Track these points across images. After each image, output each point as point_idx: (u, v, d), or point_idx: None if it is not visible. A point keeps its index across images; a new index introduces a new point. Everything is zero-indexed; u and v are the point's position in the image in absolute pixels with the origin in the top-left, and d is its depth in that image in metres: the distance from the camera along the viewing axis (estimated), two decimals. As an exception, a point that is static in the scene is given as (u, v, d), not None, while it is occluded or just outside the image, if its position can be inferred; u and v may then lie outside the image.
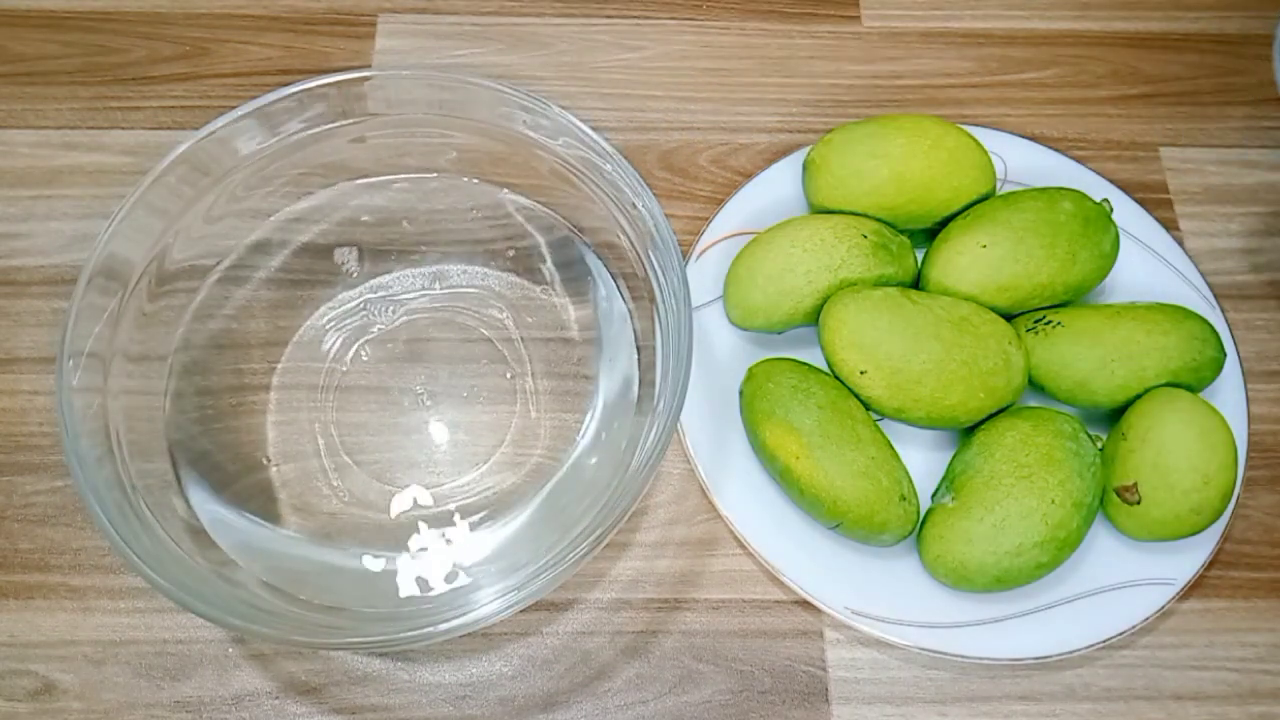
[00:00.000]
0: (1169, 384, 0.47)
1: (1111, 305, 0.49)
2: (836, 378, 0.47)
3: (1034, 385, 0.49)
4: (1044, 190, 0.50)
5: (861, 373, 0.46)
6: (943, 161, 0.50)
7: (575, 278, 0.50)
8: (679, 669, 0.45)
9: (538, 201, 0.51)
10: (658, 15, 0.61)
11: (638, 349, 0.48)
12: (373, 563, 0.45)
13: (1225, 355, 0.48)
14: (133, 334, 0.45)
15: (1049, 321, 0.48)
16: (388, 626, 0.41)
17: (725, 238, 0.53)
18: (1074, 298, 0.49)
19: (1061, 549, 0.44)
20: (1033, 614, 0.45)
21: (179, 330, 0.47)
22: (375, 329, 0.50)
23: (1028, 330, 0.48)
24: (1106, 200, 0.50)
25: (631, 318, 0.49)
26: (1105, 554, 0.47)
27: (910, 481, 0.46)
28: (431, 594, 0.44)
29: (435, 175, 0.51)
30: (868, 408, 0.47)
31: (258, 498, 0.46)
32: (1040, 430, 0.45)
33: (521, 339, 0.50)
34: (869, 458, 0.45)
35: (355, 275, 0.50)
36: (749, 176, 0.54)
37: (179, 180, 0.45)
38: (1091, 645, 0.44)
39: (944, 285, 0.48)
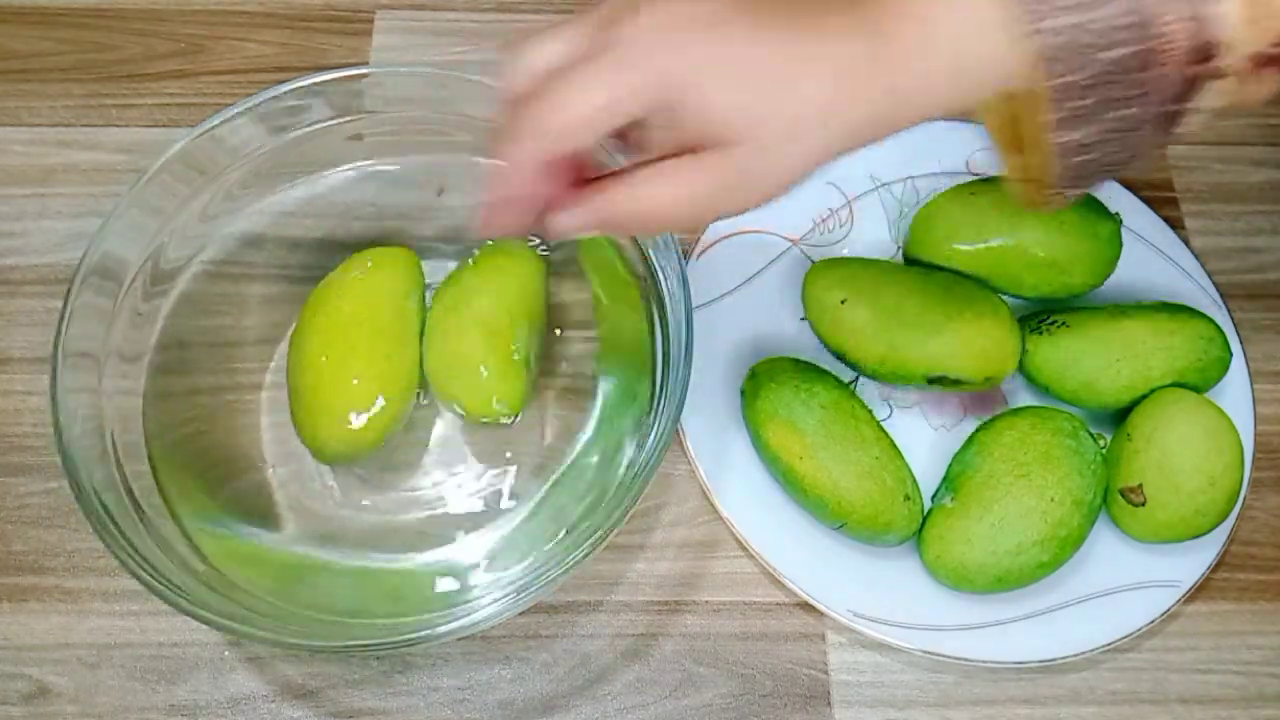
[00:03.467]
0: (1175, 384, 0.47)
1: (1117, 305, 0.49)
2: (818, 334, 0.46)
3: (1039, 386, 0.48)
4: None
5: (842, 302, 0.44)
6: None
7: (574, 277, 0.50)
8: (680, 672, 0.45)
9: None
10: (658, 12, 0.61)
11: (639, 349, 0.48)
12: (370, 565, 0.44)
13: (1231, 355, 0.48)
14: (127, 333, 0.44)
15: (1054, 321, 0.48)
16: (385, 629, 0.41)
17: (726, 237, 0.52)
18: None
19: (1063, 548, 0.44)
20: (1037, 617, 0.45)
21: (174, 329, 0.47)
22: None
23: (1032, 330, 0.48)
24: (1118, 214, 0.50)
25: (632, 317, 0.49)
26: (1110, 556, 0.46)
27: (914, 480, 0.46)
28: (429, 596, 0.43)
29: (432, 173, 0.51)
30: (857, 371, 0.46)
31: (254, 499, 0.45)
32: (1039, 429, 0.45)
33: (520, 338, 0.49)
34: (873, 457, 0.44)
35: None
36: (750, 174, 0.54)
37: (174, 178, 0.45)
38: (1096, 648, 0.44)
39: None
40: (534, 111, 0.30)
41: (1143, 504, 0.45)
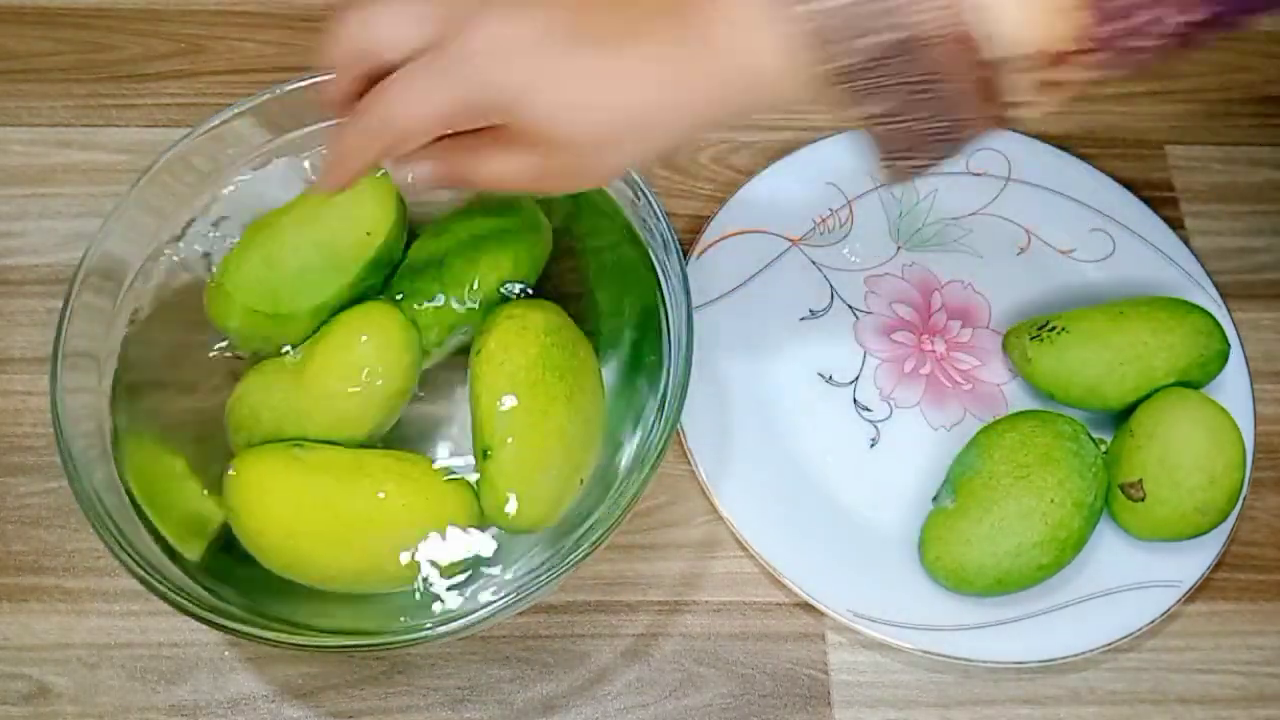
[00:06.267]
0: (1178, 383, 0.46)
1: (1112, 304, 0.49)
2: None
3: (1043, 393, 0.48)
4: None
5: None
6: None
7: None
8: (680, 672, 0.45)
9: (535, 199, 0.50)
10: (658, 11, 0.61)
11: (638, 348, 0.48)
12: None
13: (1230, 347, 0.48)
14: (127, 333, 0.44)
15: (1053, 328, 0.48)
16: (385, 628, 0.41)
17: (726, 236, 0.52)
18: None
19: (1063, 550, 0.44)
20: (1037, 616, 0.45)
21: (172, 329, 0.47)
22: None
23: (1031, 338, 0.48)
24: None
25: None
26: (1110, 557, 0.46)
27: None
28: (429, 595, 0.43)
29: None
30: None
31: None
32: (1040, 431, 0.45)
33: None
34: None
35: None
36: (750, 174, 0.54)
37: (174, 178, 0.45)
38: (1096, 648, 0.44)
39: None
40: (383, 107, 0.34)
41: (1142, 499, 0.45)
